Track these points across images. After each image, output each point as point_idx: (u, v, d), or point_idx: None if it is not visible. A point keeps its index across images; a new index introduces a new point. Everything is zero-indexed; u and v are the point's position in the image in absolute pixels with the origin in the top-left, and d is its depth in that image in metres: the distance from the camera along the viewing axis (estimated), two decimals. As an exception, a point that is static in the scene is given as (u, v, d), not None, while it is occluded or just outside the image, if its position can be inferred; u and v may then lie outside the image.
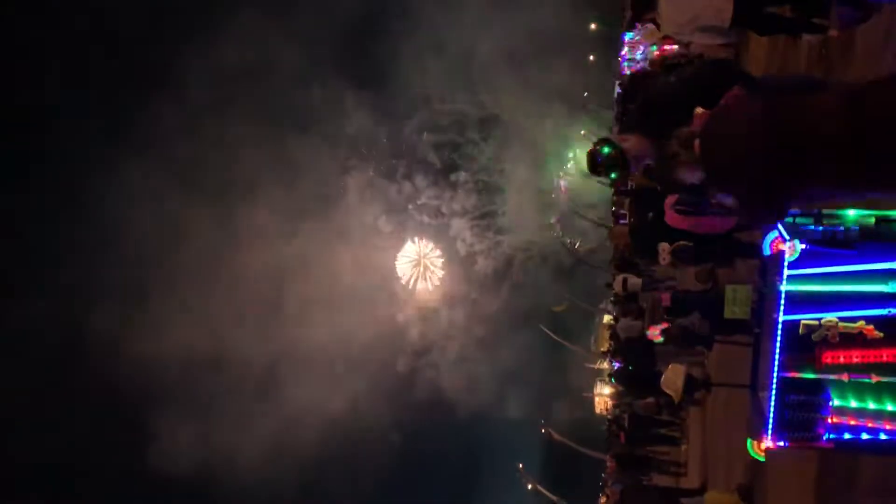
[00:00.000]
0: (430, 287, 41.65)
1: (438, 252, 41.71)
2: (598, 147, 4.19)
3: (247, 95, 39.91)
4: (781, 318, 4.30)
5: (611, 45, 28.48)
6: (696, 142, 3.15)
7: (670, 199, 6.42)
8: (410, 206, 41.50)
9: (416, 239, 41.70)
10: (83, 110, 39.71)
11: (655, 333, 7.59)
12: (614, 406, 24.37)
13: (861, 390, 4.20)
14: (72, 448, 37.71)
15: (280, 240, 39.39)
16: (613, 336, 18.02)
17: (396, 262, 41.82)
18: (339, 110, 40.09)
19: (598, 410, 35.78)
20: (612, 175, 4.21)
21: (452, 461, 45.06)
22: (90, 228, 39.32)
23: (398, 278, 41.70)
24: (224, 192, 40.12)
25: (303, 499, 41.39)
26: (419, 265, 41.56)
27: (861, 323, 4.20)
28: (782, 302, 4.29)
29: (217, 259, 39.51)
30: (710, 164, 3.14)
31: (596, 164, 4.15)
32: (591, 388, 37.26)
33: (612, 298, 21.08)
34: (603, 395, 34.61)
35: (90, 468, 37.92)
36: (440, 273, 41.71)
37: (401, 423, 42.74)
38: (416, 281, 41.57)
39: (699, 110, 3.44)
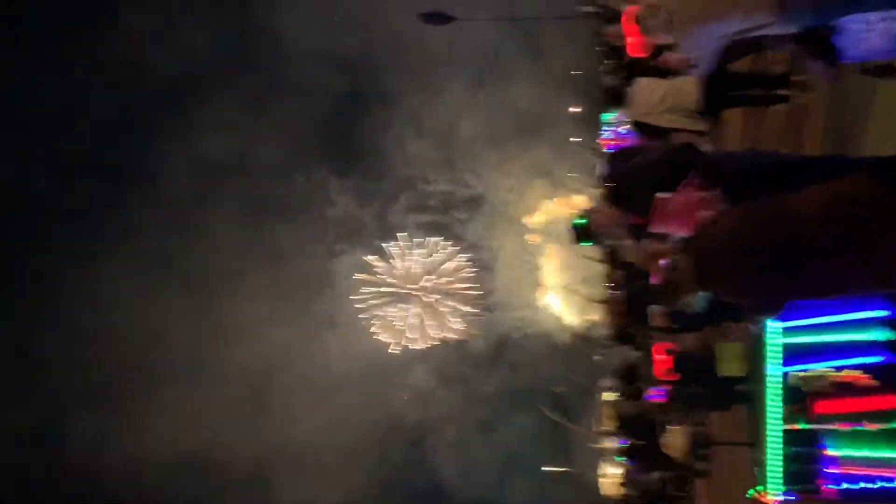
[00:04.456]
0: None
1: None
2: (575, 219, 4.71)
3: (227, 186, 40.45)
4: (774, 370, 4.44)
5: (593, 125, 29.50)
6: (685, 262, 3.31)
7: (658, 263, 6.68)
8: (399, 287, 41.72)
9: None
10: (58, 204, 39.87)
11: (654, 395, 7.68)
12: (620, 485, 23.86)
13: (857, 438, 4.29)
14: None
15: (265, 328, 39.19)
16: (615, 413, 17.88)
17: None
18: (322, 196, 40.81)
19: (603, 492, 34.90)
20: (585, 243, 4.71)
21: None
22: (63, 325, 38.96)
23: (390, 351, 41.34)
24: (207, 285, 40.17)
25: None
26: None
27: (851, 371, 4.34)
28: (774, 354, 4.45)
29: (200, 353, 39.14)
30: (703, 280, 3.22)
31: (574, 234, 4.66)
32: (595, 468, 36.46)
33: (611, 373, 21.01)
34: (608, 476, 33.85)
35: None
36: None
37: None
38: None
39: (659, 195, 3.74)
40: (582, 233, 4.54)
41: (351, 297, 41.46)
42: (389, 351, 41.64)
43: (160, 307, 38.41)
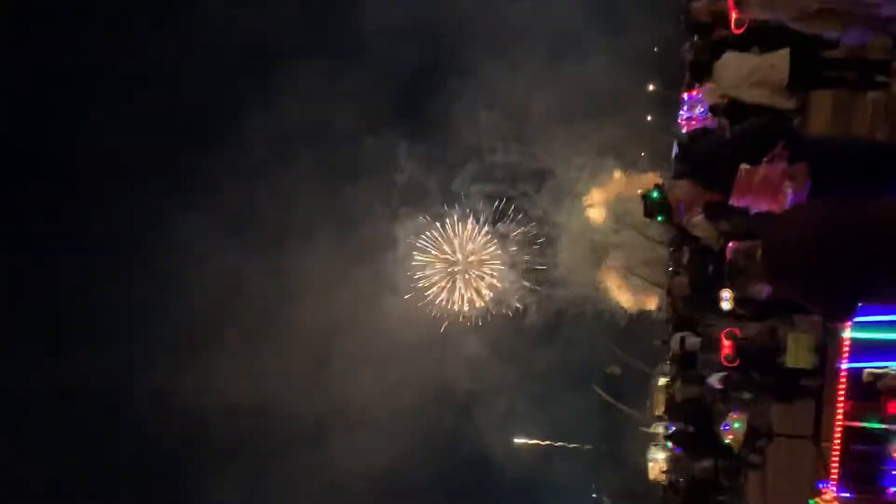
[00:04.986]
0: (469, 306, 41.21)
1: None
2: (648, 192, 4.50)
3: (300, 147, 41.15)
4: (845, 365, 4.30)
5: (669, 106, 28.66)
6: (759, 252, 3.19)
7: (733, 245, 6.53)
8: (460, 257, 41.76)
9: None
10: (139, 162, 41.33)
11: (716, 380, 7.56)
12: (670, 470, 23.62)
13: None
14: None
15: (330, 289, 39.96)
16: (670, 398, 17.65)
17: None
18: (390, 161, 41.01)
19: (652, 476, 34.62)
20: (660, 218, 4.50)
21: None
22: (140, 279, 40.58)
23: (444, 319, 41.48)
24: (276, 243, 41.12)
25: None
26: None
27: (928, 373, 4.16)
28: (846, 349, 4.30)
29: (268, 310, 40.26)
30: (775, 274, 3.11)
31: (646, 207, 4.46)
32: (645, 452, 36.14)
33: (668, 358, 20.69)
34: (658, 461, 33.55)
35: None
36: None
37: (443, 482, 42.07)
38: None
39: (744, 166, 3.60)
40: (656, 207, 4.38)
41: (407, 264, 41.74)
42: (440, 322, 41.85)
43: (231, 263, 39.67)
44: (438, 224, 41.77)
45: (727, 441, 7.07)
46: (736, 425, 6.92)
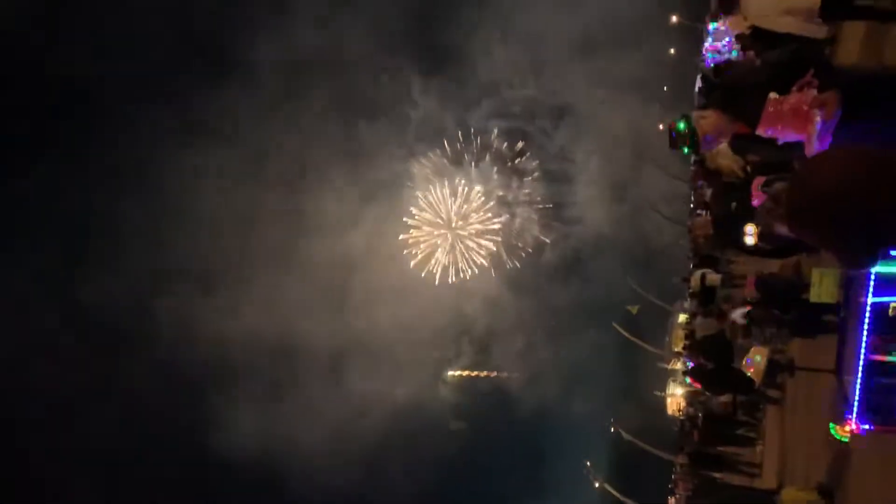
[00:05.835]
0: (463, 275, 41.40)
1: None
2: (675, 122, 4.35)
3: (315, 82, 40.57)
4: (870, 299, 4.27)
5: (692, 38, 27.83)
6: (786, 196, 3.10)
7: (758, 181, 6.43)
8: (479, 194, 41.50)
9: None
10: (154, 98, 40.87)
11: (738, 315, 7.56)
12: (688, 405, 23.93)
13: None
14: (136, 434, 38.84)
15: (346, 223, 40.00)
16: (689, 334, 17.74)
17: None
18: (406, 96, 40.39)
19: (670, 411, 35.11)
20: (685, 150, 4.35)
21: (517, 457, 44.86)
22: (159, 215, 40.71)
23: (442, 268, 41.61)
24: (292, 179, 41.04)
25: (363, 488, 41.76)
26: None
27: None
28: (872, 283, 4.27)
29: (284, 245, 40.49)
30: (797, 222, 3.02)
31: (671, 139, 4.32)
32: (663, 387, 36.56)
33: (688, 294, 20.75)
34: (676, 396, 33.98)
35: (154, 453, 38.96)
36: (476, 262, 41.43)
37: (464, 416, 42.86)
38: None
39: (773, 95, 3.52)
40: (682, 138, 4.24)
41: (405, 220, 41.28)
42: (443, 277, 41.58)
43: (246, 195, 39.68)
44: (457, 159, 41.06)
45: (747, 376, 7.11)
46: (757, 359, 6.96)
